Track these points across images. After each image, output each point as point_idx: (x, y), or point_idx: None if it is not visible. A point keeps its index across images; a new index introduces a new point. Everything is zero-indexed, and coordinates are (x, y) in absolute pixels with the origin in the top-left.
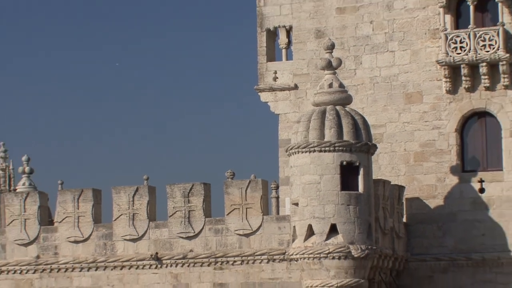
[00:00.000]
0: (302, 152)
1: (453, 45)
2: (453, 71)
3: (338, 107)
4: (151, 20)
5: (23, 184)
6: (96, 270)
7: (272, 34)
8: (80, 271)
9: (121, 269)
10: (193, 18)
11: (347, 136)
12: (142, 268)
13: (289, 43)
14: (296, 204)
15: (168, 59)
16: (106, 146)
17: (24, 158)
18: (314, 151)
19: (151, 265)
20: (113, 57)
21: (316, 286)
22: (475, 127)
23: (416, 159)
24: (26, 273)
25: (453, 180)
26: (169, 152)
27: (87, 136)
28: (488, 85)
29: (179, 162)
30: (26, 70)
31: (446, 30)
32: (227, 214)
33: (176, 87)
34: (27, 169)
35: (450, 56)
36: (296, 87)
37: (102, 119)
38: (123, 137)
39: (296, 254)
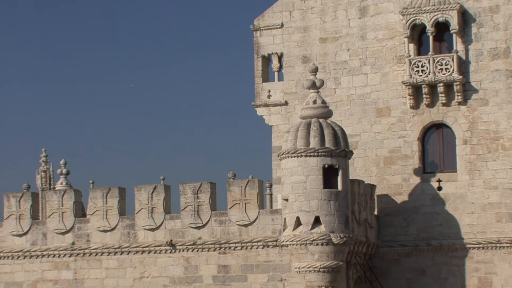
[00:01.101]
0: (291, 157)
1: (415, 69)
2: (416, 90)
3: (321, 120)
4: (171, 46)
5: (61, 183)
6: (121, 254)
7: (267, 60)
8: (108, 255)
9: (142, 253)
10: (202, 46)
11: (328, 143)
12: (159, 253)
13: (280, 67)
14: (286, 200)
15: (182, 83)
16: (130, 152)
17: (62, 161)
18: (301, 156)
19: (166, 250)
20: (130, 77)
21: (303, 267)
22: (434, 136)
23: (385, 163)
24: (63, 256)
25: (416, 180)
26: (182, 157)
27: (114, 144)
28: (444, 101)
29: (190, 165)
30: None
31: (410, 56)
32: (229, 208)
33: (190, 105)
34: (64, 170)
35: (413, 77)
36: (286, 103)
37: (127, 130)
38: (144, 144)
39: (286, 241)
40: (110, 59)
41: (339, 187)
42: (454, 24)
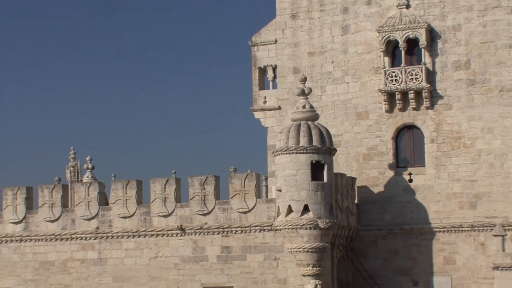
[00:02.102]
0: (284, 153)
1: (390, 78)
2: (390, 96)
3: (309, 122)
4: (183, 60)
5: (87, 177)
6: (138, 237)
7: (262, 71)
8: (127, 238)
9: (156, 236)
10: (208, 60)
11: (315, 142)
12: (171, 236)
13: (274, 77)
14: (280, 190)
15: (191, 91)
16: (146, 149)
17: (88, 158)
18: (292, 153)
19: (177, 234)
20: (149, 86)
21: (294, 248)
22: (406, 136)
23: (364, 159)
24: (89, 239)
25: (390, 173)
26: (190, 154)
27: (132, 143)
28: (414, 106)
29: (197, 161)
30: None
31: (385, 68)
32: (231, 198)
33: (197, 109)
34: (90, 165)
35: (388, 86)
36: (279, 108)
37: (144, 131)
38: (158, 143)
39: (280, 226)
40: (129, 71)
41: (325, 179)
42: (422, 40)
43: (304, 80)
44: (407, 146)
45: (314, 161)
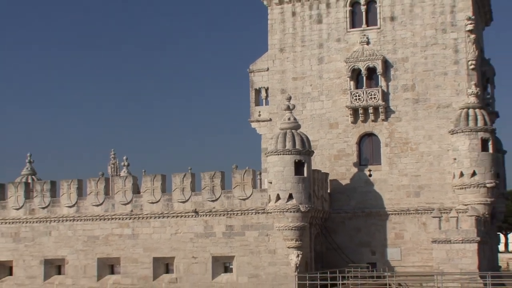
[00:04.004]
0: (274, 154)
1: (354, 97)
2: (355, 111)
3: (293, 131)
4: (198, 85)
5: (124, 172)
6: (163, 218)
7: (258, 91)
8: (154, 218)
9: (176, 217)
10: (217, 83)
11: (298, 146)
12: (188, 217)
13: (267, 96)
14: (270, 183)
15: (202, 108)
16: (169, 151)
17: (124, 157)
18: (280, 154)
19: (192, 215)
20: (171, 102)
21: (281, 226)
22: (367, 141)
23: (335, 158)
24: (125, 219)
25: (355, 170)
26: (203, 154)
27: (159, 146)
28: (373, 119)
29: (208, 160)
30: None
31: (351, 89)
32: (233, 188)
33: (208, 121)
34: (126, 163)
35: (353, 103)
36: (270, 119)
37: (167, 137)
38: (178, 146)
39: (270, 210)
40: (153, 91)
41: (305, 174)
42: (379, 69)
43: (289, 98)
44: (368, 149)
45: (296, 160)
